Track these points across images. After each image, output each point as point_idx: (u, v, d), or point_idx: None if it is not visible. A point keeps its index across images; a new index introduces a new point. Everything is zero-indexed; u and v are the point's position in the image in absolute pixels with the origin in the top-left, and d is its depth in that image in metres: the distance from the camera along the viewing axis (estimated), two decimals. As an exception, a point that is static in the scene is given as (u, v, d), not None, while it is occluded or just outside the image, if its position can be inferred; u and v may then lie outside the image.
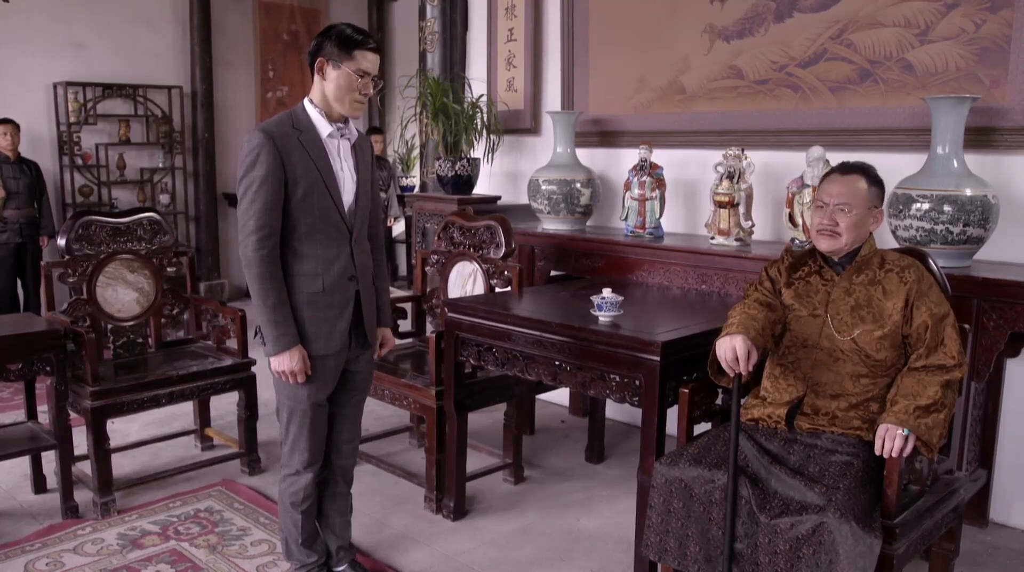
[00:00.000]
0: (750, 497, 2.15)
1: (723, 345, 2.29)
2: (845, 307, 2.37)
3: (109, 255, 3.66)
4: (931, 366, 2.25)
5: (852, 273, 2.40)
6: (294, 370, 2.44)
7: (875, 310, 2.34)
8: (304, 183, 2.41)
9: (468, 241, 3.78)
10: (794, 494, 2.13)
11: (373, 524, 3.28)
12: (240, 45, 7.91)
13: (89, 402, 3.23)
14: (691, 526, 2.23)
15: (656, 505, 2.29)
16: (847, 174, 2.39)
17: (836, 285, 2.40)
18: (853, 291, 2.38)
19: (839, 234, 2.36)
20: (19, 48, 6.57)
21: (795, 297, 2.45)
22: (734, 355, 2.25)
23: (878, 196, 2.40)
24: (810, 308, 2.42)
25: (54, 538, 3.12)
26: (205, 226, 7.68)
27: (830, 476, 2.15)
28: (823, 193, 2.40)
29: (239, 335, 3.67)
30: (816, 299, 2.42)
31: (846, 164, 2.43)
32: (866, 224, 2.38)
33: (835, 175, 2.41)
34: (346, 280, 2.52)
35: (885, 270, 2.38)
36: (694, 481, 2.24)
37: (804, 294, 2.45)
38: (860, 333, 2.33)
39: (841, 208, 2.34)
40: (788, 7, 3.72)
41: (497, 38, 5.02)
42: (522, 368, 2.99)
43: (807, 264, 2.49)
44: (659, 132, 4.21)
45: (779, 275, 2.52)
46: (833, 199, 2.36)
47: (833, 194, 2.37)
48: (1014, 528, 3.27)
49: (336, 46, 2.41)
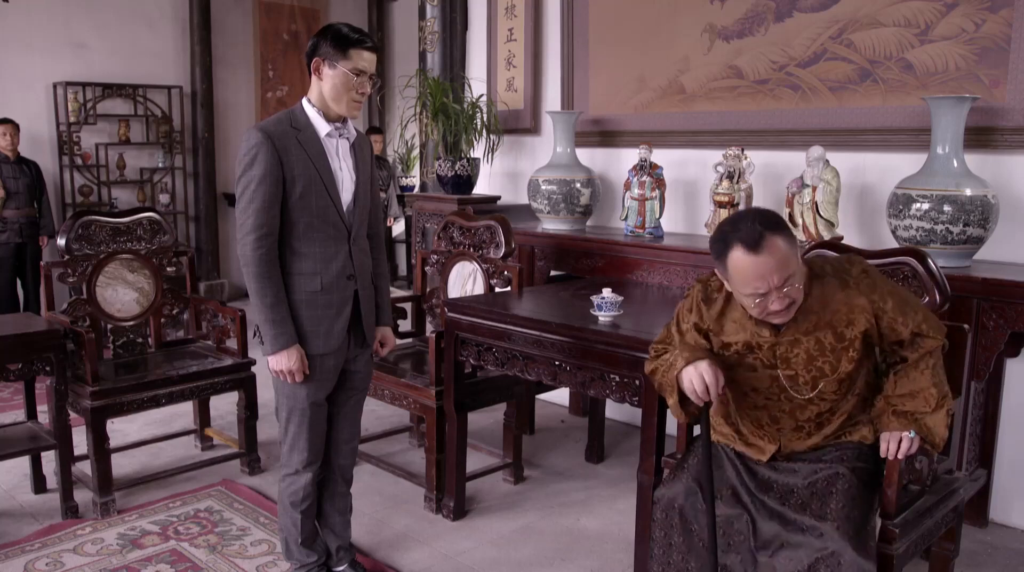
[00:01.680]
0: (748, 534, 2.09)
1: (689, 375, 2.06)
2: (798, 362, 2.11)
3: (109, 255, 3.66)
4: (919, 358, 2.11)
5: (795, 323, 2.09)
6: (292, 369, 2.44)
7: (831, 357, 2.09)
8: (302, 182, 2.41)
9: (468, 241, 3.78)
10: (788, 526, 2.05)
11: (373, 524, 3.28)
12: (240, 45, 7.91)
13: (89, 402, 3.23)
14: (691, 560, 2.18)
15: (658, 539, 2.23)
16: (760, 247, 1.93)
17: (781, 341, 2.10)
18: (801, 342, 2.09)
19: (794, 306, 2.03)
20: (19, 48, 6.57)
21: (734, 342, 2.15)
22: (703, 383, 2.05)
23: (792, 238, 2.01)
24: (756, 360, 2.14)
25: (54, 538, 3.12)
26: (205, 226, 7.69)
27: (819, 495, 2.06)
28: (751, 283, 1.96)
29: (239, 335, 3.67)
30: (762, 354, 2.13)
31: (745, 235, 1.94)
32: (802, 274, 2.03)
33: (748, 257, 1.94)
34: (344, 279, 2.52)
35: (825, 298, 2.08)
36: (692, 514, 2.16)
37: (744, 339, 2.14)
38: (823, 385, 2.11)
39: (788, 284, 1.97)
40: (788, 7, 3.71)
41: (497, 38, 5.02)
42: (522, 368, 2.99)
43: (728, 302, 2.16)
44: (659, 132, 4.21)
45: (700, 318, 2.18)
46: (773, 280, 1.95)
47: (767, 276, 1.94)
48: (1014, 528, 3.27)
49: (332, 46, 2.41)
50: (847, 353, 2.09)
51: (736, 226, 1.99)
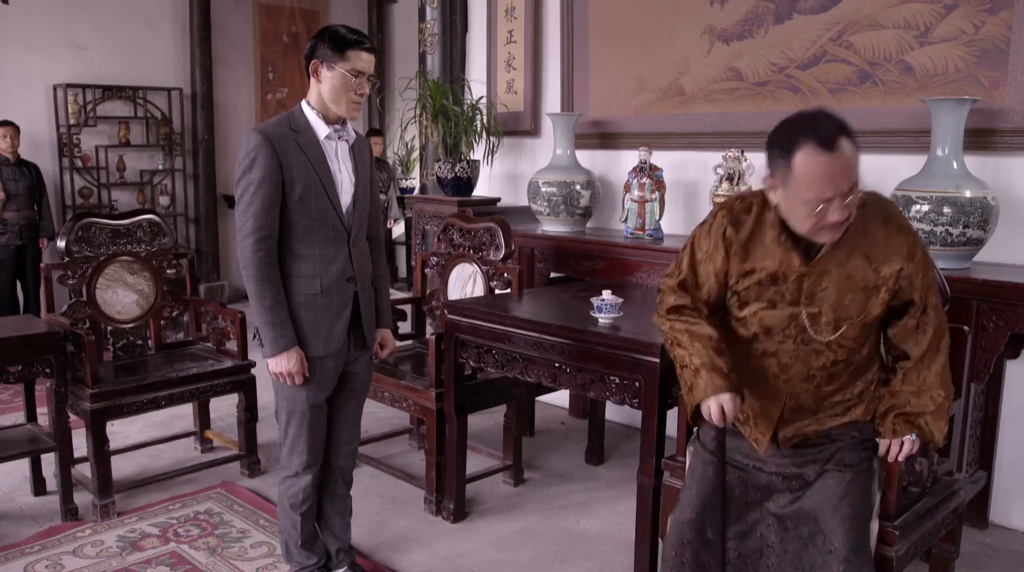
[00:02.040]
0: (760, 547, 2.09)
1: (708, 408, 2.00)
2: (825, 298, 1.96)
3: (109, 257, 3.66)
4: (926, 355, 2.04)
5: (831, 251, 1.94)
6: (292, 372, 2.44)
7: (861, 296, 1.96)
8: (301, 184, 2.41)
9: (468, 243, 3.78)
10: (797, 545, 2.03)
11: (373, 526, 3.28)
12: (240, 46, 7.92)
13: (89, 404, 3.23)
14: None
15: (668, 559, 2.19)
16: (835, 146, 1.78)
17: (811, 271, 1.95)
18: (831, 274, 1.94)
19: (846, 223, 1.88)
20: (19, 50, 6.58)
21: (759, 269, 1.99)
22: (721, 414, 1.99)
23: (857, 144, 1.86)
24: (778, 296, 1.99)
25: (53, 540, 3.12)
26: (205, 228, 7.69)
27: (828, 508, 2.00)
28: (817, 186, 1.80)
29: (239, 337, 3.67)
30: (787, 287, 1.97)
31: (821, 131, 1.80)
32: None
33: (821, 155, 1.78)
34: (344, 281, 2.52)
35: (865, 226, 1.95)
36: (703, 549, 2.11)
37: (771, 268, 1.98)
38: (845, 328, 1.98)
39: (852, 193, 1.82)
40: (788, 9, 3.72)
41: (497, 40, 5.02)
42: (522, 370, 2.99)
43: (759, 224, 1.99)
44: (659, 134, 4.21)
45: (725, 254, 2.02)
46: (841, 185, 1.79)
47: (836, 178, 1.79)
48: (1014, 530, 3.27)
49: (330, 47, 2.41)
50: (877, 294, 1.96)
51: (810, 121, 1.83)
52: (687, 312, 2.11)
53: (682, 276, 2.13)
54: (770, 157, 1.90)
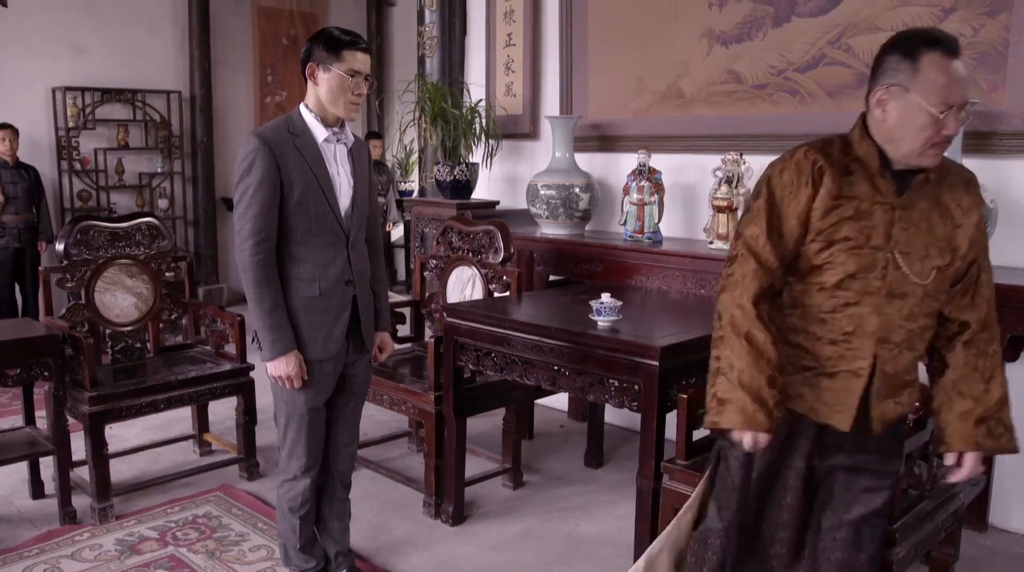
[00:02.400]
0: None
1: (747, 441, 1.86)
2: (912, 238, 1.84)
3: (108, 260, 3.65)
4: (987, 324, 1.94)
5: (918, 187, 1.85)
6: (291, 375, 2.44)
7: (944, 244, 1.86)
8: (299, 187, 2.41)
9: (467, 246, 3.78)
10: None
11: (372, 529, 3.27)
12: (239, 49, 7.91)
13: (87, 407, 3.23)
14: None
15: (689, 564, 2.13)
16: (958, 53, 1.75)
17: (901, 205, 1.83)
18: (917, 209, 1.85)
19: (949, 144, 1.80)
20: (18, 52, 6.57)
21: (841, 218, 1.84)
22: (753, 445, 1.87)
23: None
24: (864, 236, 1.83)
25: (52, 544, 3.11)
26: (204, 231, 7.68)
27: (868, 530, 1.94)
28: (943, 91, 1.73)
29: (237, 340, 3.67)
30: (874, 222, 1.83)
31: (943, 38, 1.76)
32: None
33: (946, 60, 1.74)
34: (343, 284, 2.51)
35: (946, 181, 1.89)
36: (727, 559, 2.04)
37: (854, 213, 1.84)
38: (934, 275, 1.86)
39: (966, 109, 1.77)
40: (786, 12, 3.72)
41: (496, 43, 5.03)
42: (521, 373, 2.99)
43: (846, 155, 1.89)
44: (658, 137, 4.21)
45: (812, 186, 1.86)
46: (964, 94, 1.74)
47: (962, 84, 1.74)
48: (1014, 532, 3.27)
49: (325, 49, 2.41)
50: (960, 247, 1.87)
51: (931, 31, 1.79)
52: (761, 307, 1.89)
53: (759, 227, 1.89)
54: (885, 65, 1.82)
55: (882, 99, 1.83)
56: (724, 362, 1.89)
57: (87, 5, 6.90)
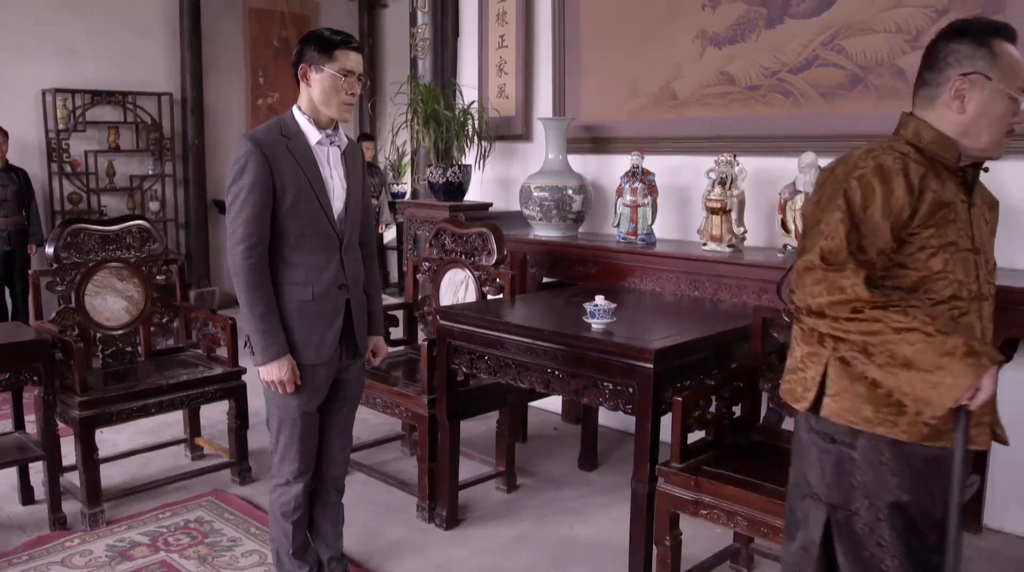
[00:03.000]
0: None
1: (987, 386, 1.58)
2: (985, 237, 1.78)
3: (98, 263, 3.63)
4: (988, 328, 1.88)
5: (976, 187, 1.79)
6: (283, 380, 2.42)
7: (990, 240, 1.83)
8: (292, 191, 2.39)
9: (460, 248, 3.77)
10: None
11: (365, 533, 3.25)
12: (230, 51, 7.89)
13: (77, 412, 3.20)
14: None
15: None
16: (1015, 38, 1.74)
17: (972, 203, 1.76)
18: (978, 210, 1.78)
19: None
20: (8, 54, 6.53)
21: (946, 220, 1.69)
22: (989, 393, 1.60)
23: None
24: (966, 238, 1.72)
25: (42, 550, 3.08)
26: (195, 233, 7.65)
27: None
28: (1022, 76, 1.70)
29: (229, 343, 3.65)
30: (958, 218, 1.71)
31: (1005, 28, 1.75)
32: None
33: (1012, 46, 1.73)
34: (336, 288, 2.50)
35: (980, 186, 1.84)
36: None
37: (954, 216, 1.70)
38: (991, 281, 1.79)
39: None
40: (780, 13, 3.72)
41: (488, 44, 5.02)
42: (515, 376, 2.98)
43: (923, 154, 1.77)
44: (651, 138, 4.21)
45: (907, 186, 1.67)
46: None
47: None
48: (1009, 534, 3.27)
49: (317, 50, 2.40)
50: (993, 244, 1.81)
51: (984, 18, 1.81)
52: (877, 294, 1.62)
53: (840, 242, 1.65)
54: (954, 56, 1.76)
55: (960, 89, 1.74)
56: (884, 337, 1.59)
57: (78, 7, 6.87)
